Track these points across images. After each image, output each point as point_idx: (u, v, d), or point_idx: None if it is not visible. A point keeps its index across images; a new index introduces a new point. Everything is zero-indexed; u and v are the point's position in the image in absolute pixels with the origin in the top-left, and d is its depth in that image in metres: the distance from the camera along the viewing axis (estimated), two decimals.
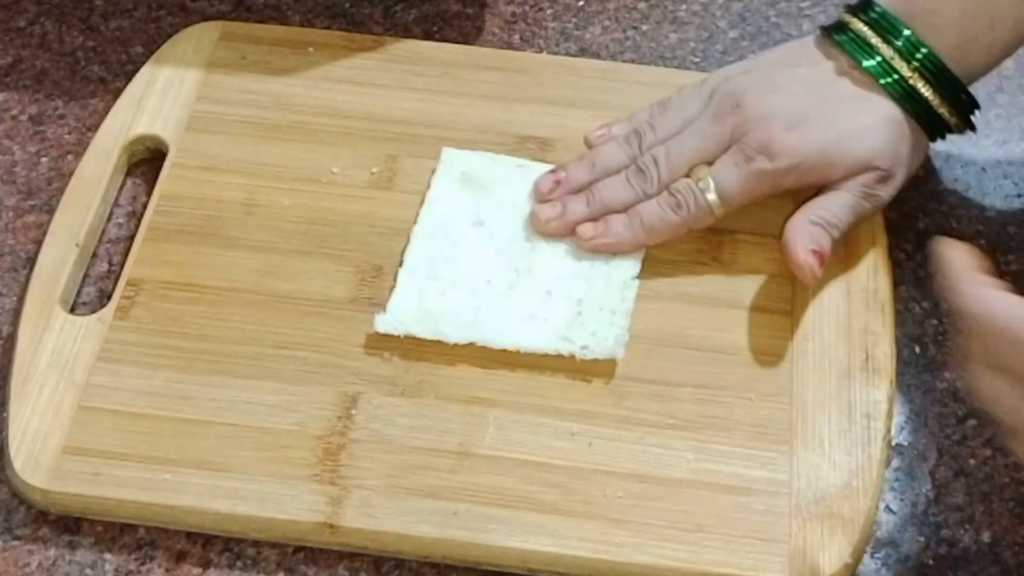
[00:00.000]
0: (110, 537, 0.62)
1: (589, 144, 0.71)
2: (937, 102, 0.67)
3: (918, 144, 0.69)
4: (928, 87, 0.67)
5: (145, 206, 0.72)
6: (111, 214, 0.73)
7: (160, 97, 0.75)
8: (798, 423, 0.64)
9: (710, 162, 0.67)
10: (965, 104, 0.68)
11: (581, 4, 0.83)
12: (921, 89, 0.67)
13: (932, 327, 0.69)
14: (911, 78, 0.67)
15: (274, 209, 0.71)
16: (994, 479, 0.65)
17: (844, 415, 0.64)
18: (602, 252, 0.68)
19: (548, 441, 0.63)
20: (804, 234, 0.66)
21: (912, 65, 0.67)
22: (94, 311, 0.68)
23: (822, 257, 0.66)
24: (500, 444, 0.63)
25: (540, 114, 0.75)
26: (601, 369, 0.65)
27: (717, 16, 0.82)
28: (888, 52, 0.67)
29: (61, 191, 0.72)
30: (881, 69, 0.67)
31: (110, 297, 0.68)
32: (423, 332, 0.66)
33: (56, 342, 0.66)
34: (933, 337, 0.69)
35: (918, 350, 0.68)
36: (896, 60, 0.67)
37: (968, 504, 0.64)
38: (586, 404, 0.64)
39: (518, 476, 0.62)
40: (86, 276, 0.70)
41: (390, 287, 0.67)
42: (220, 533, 0.62)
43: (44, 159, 0.75)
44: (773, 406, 0.64)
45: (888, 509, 0.63)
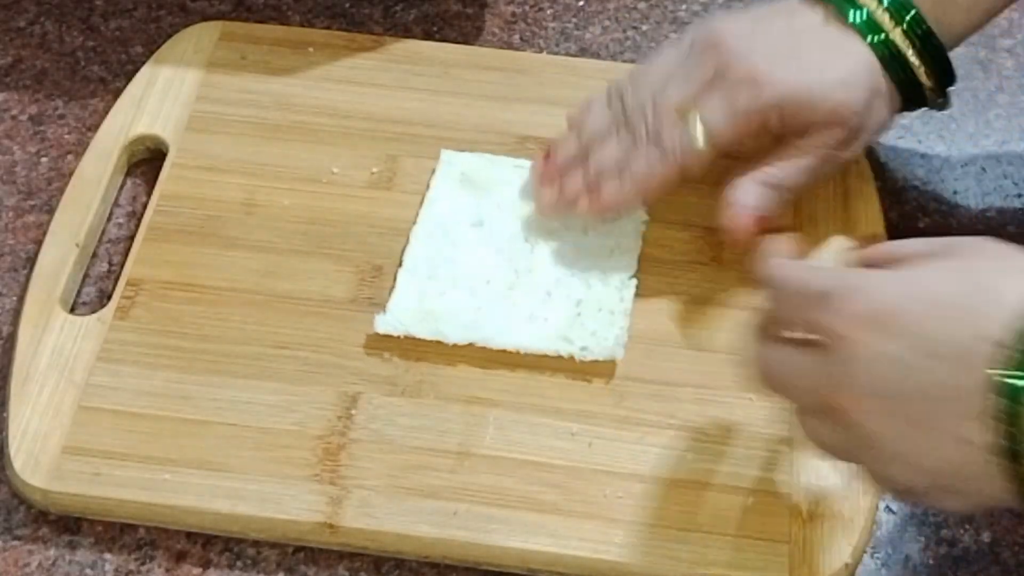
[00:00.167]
0: (110, 537, 0.62)
1: (571, 122, 0.70)
2: (919, 67, 0.66)
3: (888, 109, 0.68)
4: (913, 51, 0.66)
5: (145, 206, 0.72)
6: (111, 214, 0.73)
7: (160, 97, 0.75)
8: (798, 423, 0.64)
9: (697, 105, 0.65)
10: (946, 75, 0.67)
11: (581, 4, 0.83)
12: (906, 51, 0.66)
13: None
14: (898, 39, 0.66)
15: (274, 209, 0.71)
16: None
17: None
18: (605, 216, 0.68)
19: (548, 441, 0.63)
20: (751, 195, 0.66)
21: (900, 27, 0.66)
22: (94, 311, 0.68)
23: (766, 222, 0.65)
24: (500, 444, 0.63)
25: (540, 114, 0.75)
26: (601, 369, 0.65)
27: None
28: (874, 5, 0.66)
29: (61, 191, 0.72)
30: (868, 26, 0.66)
31: (110, 297, 0.68)
32: (423, 332, 0.66)
33: (56, 342, 0.66)
34: None
35: None
36: (884, 19, 0.66)
37: None
38: (586, 404, 0.64)
39: (518, 476, 0.62)
40: (86, 276, 0.70)
41: (390, 287, 0.67)
42: (220, 533, 0.62)
43: (44, 159, 0.75)
44: (773, 406, 0.64)
45: (888, 509, 0.63)
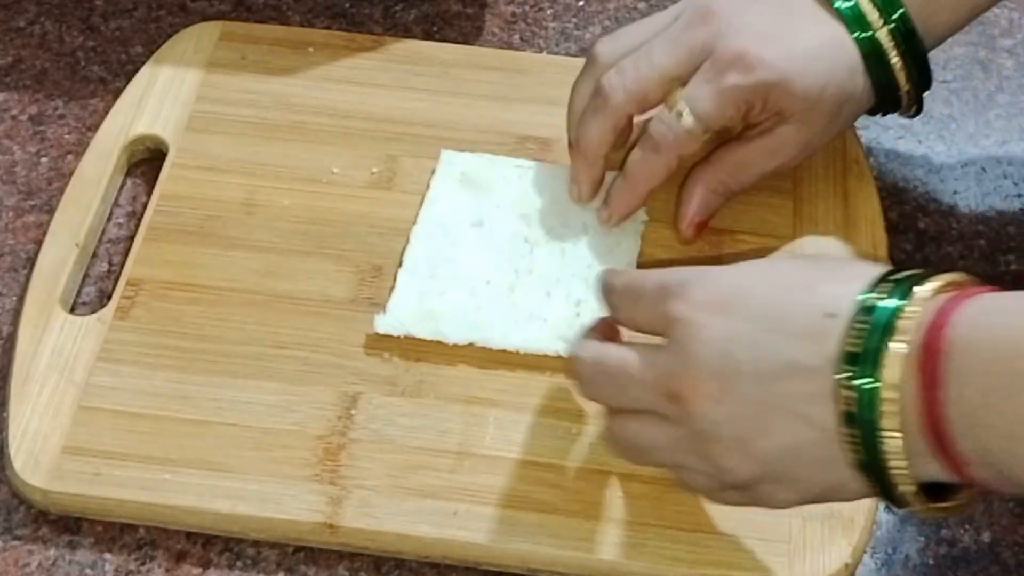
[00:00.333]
0: (110, 537, 0.62)
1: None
2: (900, 69, 0.66)
3: (855, 112, 0.68)
4: (896, 52, 0.65)
5: (145, 206, 0.72)
6: (111, 214, 0.73)
7: (160, 97, 0.75)
8: None
9: (683, 82, 0.65)
10: (923, 80, 0.67)
11: (581, 4, 0.83)
12: (889, 51, 0.65)
13: None
14: (883, 37, 0.65)
15: (274, 209, 0.71)
16: None
17: None
18: (621, 223, 0.68)
19: (548, 441, 0.63)
20: (700, 204, 0.67)
21: (887, 25, 0.65)
22: (94, 311, 0.68)
23: (704, 226, 0.68)
24: (500, 444, 0.63)
25: (540, 114, 0.75)
26: None
27: None
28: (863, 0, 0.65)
29: (61, 191, 0.72)
30: (854, 19, 0.65)
31: (110, 297, 0.68)
32: (423, 332, 0.66)
33: (56, 342, 0.66)
34: None
35: None
36: (871, 14, 0.65)
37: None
38: (586, 404, 0.64)
39: (518, 476, 0.62)
40: (86, 276, 0.70)
41: (390, 287, 0.67)
42: (220, 533, 0.62)
43: (44, 159, 0.75)
44: None
45: (888, 509, 0.63)
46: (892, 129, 0.72)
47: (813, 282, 0.53)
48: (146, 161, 0.75)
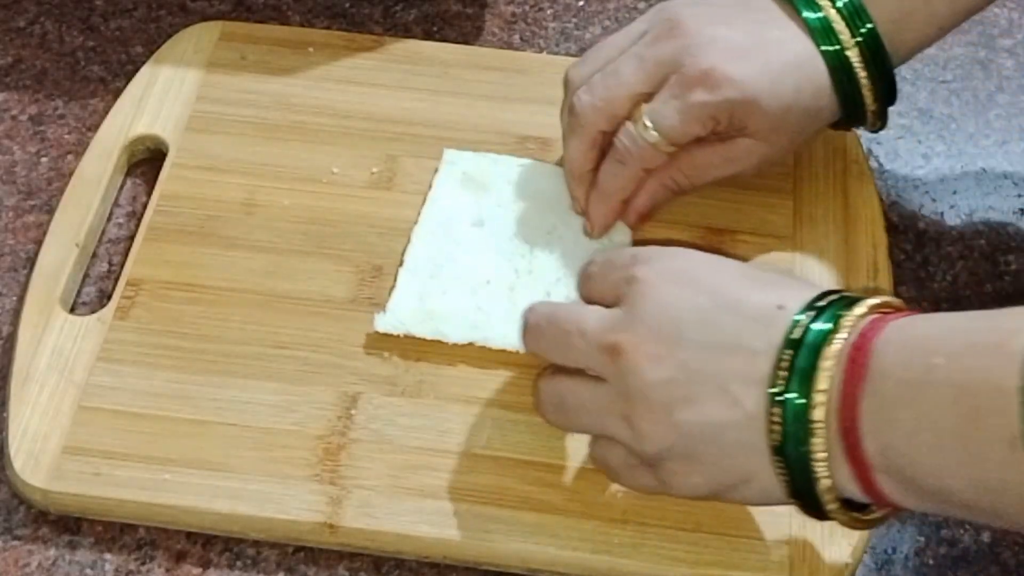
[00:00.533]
0: (110, 537, 0.62)
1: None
2: (867, 85, 0.66)
3: (818, 126, 0.68)
4: (863, 65, 0.65)
5: (145, 206, 0.72)
6: (111, 214, 0.73)
7: (160, 97, 0.75)
8: None
9: (649, 96, 0.65)
10: (889, 95, 0.67)
11: (581, 4, 0.83)
12: (856, 65, 0.65)
13: None
14: (851, 52, 0.65)
15: (274, 209, 0.71)
16: None
17: None
18: (605, 233, 0.69)
19: (548, 441, 0.63)
20: (647, 195, 0.67)
21: (855, 39, 0.65)
22: (94, 311, 0.68)
23: (648, 217, 0.68)
24: (500, 444, 0.63)
25: (540, 114, 0.75)
26: None
27: None
28: (832, 12, 0.65)
29: (61, 191, 0.72)
30: (822, 33, 0.65)
31: (110, 297, 0.68)
32: (423, 332, 0.66)
33: (56, 342, 0.66)
34: None
35: None
36: (840, 28, 0.65)
37: None
38: None
39: (518, 476, 0.62)
40: (86, 276, 0.70)
41: (390, 287, 0.67)
42: (220, 533, 0.62)
43: (44, 159, 0.75)
44: None
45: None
46: (892, 129, 0.72)
47: (773, 281, 0.56)
48: (146, 161, 0.75)
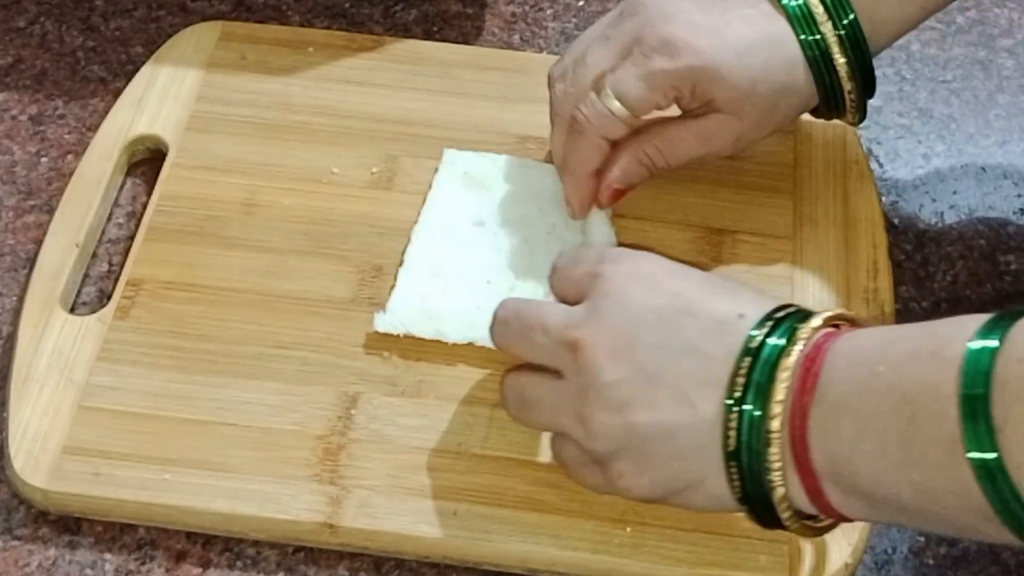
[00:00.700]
0: (110, 537, 0.62)
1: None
2: (845, 73, 0.65)
3: (796, 110, 0.67)
4: (842, 55, 0.65)
5: (145, 206, 0.72)
6: (111, 214, 0.73)
7: (160, 97, 0.75)
8: None
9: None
10: (867, 86, 0.67)
11: (581, 4, 0.83)
12: (835, 54, 0.65)
13: None
14: (831, 42, 0.65)
15: (274, 209, 0.71)
16: None
17: None
18: (584, 213, 0.68)
19: (548, 441, 0.63)
20: (621, 170, 0.67)
21: (835, 30, 0.64)
22: (94, 311, 0.68)
23: (620, 194, 0.67)
24: (500, 444, 0.63)
25: (540, 114, 0.74)
26: None
27: None
28: (814, 1, 0.64)
29: (61, 191, 0.72)
30: (801, 21, 0.64)
31: (110, 297, 0.68)
32: (423, 332, 0.66)
33: (56, 342, 0.66)
34: None
35: None
36: (820, 16, 0.64)
37: None
38: None
39: (518, 476, 0.62)
40: (86, 276, 0.70)
41: (390, 287, 0.67)
42: (220, 533, 0.62)
43: (44, 159, 0.75)
44: None
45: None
46: (892, 129, 0.72)
47: (734, 290, 0.57)
48: (146, 161, 0.75)
